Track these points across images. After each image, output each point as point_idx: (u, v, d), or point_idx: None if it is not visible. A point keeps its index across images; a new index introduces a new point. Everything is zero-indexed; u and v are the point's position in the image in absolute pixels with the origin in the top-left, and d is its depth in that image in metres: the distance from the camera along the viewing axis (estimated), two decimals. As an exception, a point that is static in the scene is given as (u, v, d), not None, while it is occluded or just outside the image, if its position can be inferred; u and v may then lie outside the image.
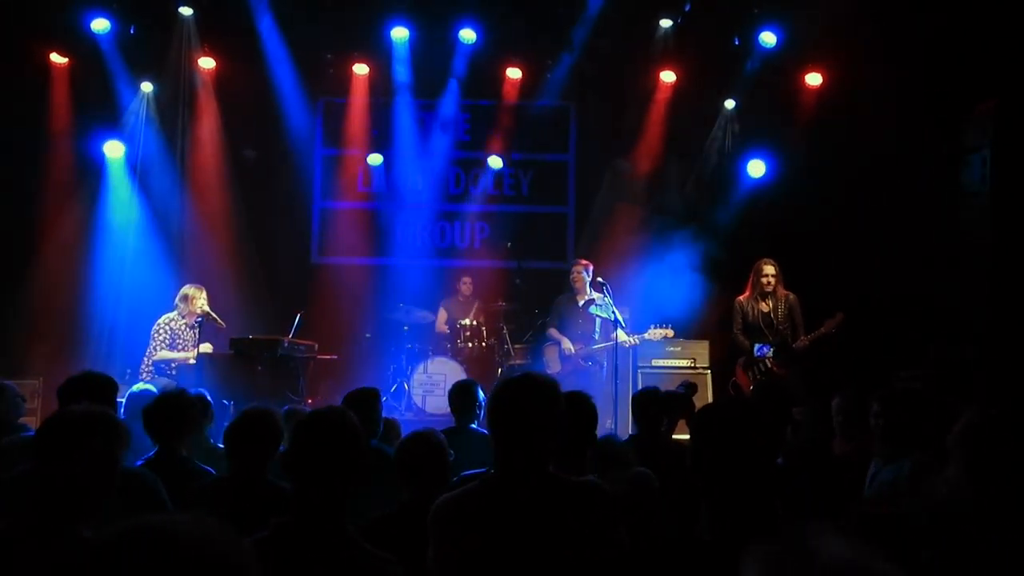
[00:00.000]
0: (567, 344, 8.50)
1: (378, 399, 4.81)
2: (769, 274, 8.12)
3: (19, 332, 9.36)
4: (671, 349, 8.91)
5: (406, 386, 9.13)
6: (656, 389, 5.33)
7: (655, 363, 8.91)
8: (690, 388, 6.22)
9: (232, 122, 10.21)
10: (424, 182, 10.77)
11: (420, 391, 9.05)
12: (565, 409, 2.57)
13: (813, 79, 9.83)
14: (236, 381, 7.38)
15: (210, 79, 10.08)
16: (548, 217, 10.93)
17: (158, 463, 3.96)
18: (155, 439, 4.12)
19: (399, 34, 9.98)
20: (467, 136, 10.87)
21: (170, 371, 7.83)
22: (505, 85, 10.37)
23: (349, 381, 8.16)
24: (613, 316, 8.11)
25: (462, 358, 9.20)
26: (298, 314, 8.42)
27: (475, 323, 9.40)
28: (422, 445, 3.46)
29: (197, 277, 8.53)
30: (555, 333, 8.66)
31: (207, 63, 10.00)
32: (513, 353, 9.18)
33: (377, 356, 9.67)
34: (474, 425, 5.23)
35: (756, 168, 10.00)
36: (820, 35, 9.30)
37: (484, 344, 9.33)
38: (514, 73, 10.29)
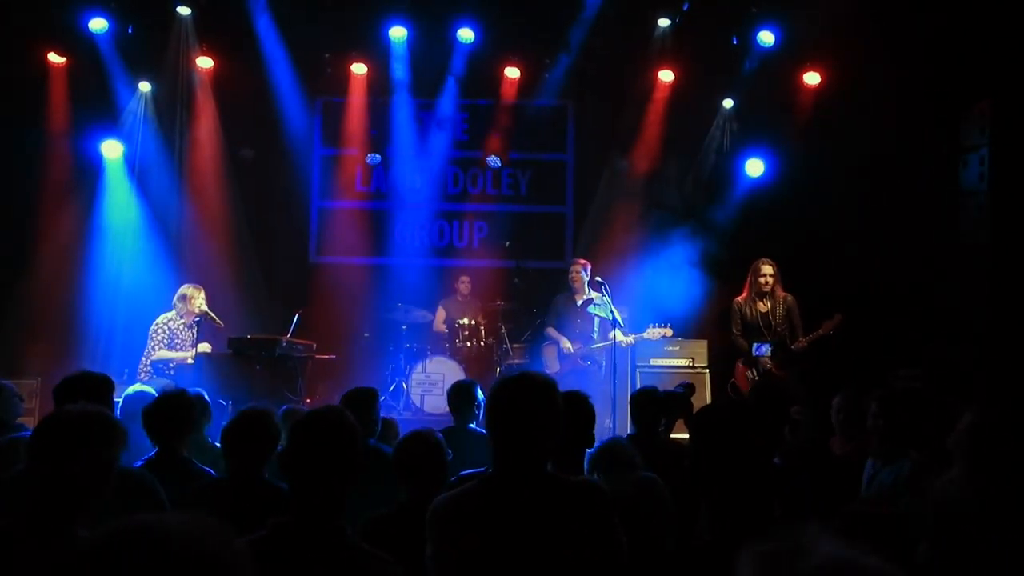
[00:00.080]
0: (566, 343, 8.49)
1: (376, 399, 4.81)
2: (767, 274, 8.11)
3: (17, 332, 9.36)
4: (669, 348, 8.91)
5: (404, 386, 9.12)
6: (654, 389, 5.32)
7: (653, 362, 8.92)
8: (688, 388, 6.20)
9: (230, 122, 10.21)
10: (422, 182, 10.76)
11: (418, 390, 9.03)
12: (563, 409, 2.57)
13: (811, 78, 9.83)
14: (234, 381, 7.37)
15: (208, 79, 10.07)
16: (546, 216, 10.92)
17: (159, 463, 3.94)
18: (155, 439, 4.09)
19: (397, 33, 9.98)
20: (465, 136, 10.86)
21: (168, 371, 7.82)
22: (503, 84, 10.37)
23: (347, 381, 8.14)
24: (611, 316, 8.11)
25: (460, 357, 9.19)
26: (296, 314, 8.42)
27: (473, 322, 9.39)
28: (420, 445, 3.46)
29: (195, 277, 8.52)
30: (553, 332, 8.65)
31: (205, 63, 9.99)
32: (512, 353, 9.17)
33: (375, 356, 9.66)
34: (473, 425, 5.23)
35: (754, 167, 10.01)
36: (818, 34, 9.31)
37: (482, 343, 9.32)
38: (512, 72, 10.28)
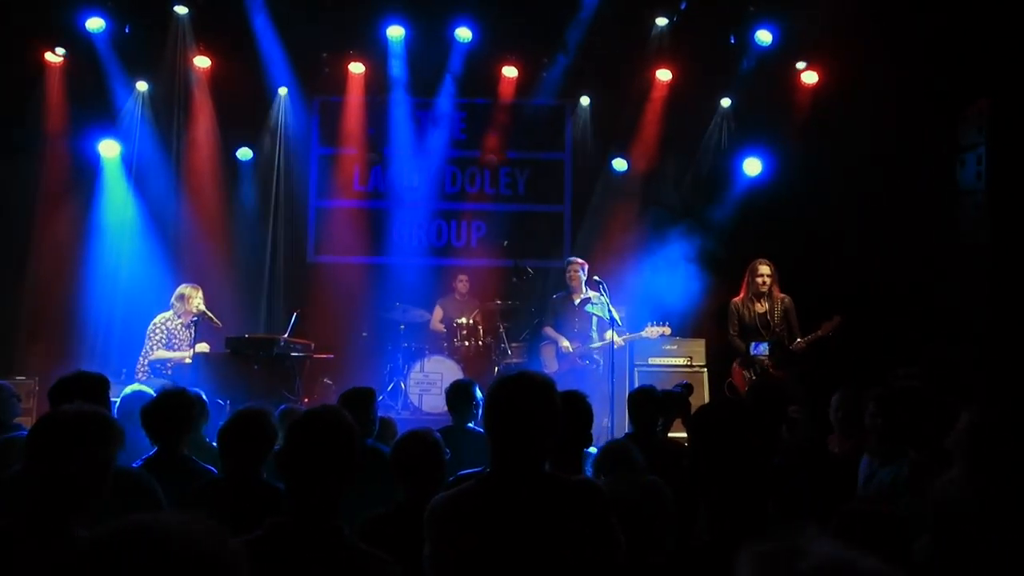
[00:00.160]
0: (564, 342, 8.47)
1: (374, 398, 4.80)
2: (764, 274, 8.11)
3: (15, 331, 9.36)
4: (667, 347, 8.92)
5: (402, 385, 9.10)
6: (652, 388, 5.32)
7: (652, 361, 8.92)
8: (687, 388, 6.20)
9: (227, 121, 10.19)
10: (420, 181, 10.75)
11: (417, 390, 9.02)
12: (561, 408, 2.56)
13: (809, 77, 9.84)
14: (232, 380, 7.36)
15: (205, 78, 10.06)
16: (544, 216, 10.91)
17: (159, 462, 3.93)
18: (155, 438, 4.07)
19: (395, 33, 9.97)
20: (463, 135, 10.85)
21: (166, 371, 7.81)
22: (501, 84, 10.36)
23: (345, 380, 8.16)
24: (609, 315, 8.10)
25: (459, 357, 9.18)
26: (294, 313, 8.41)
27: (471, 322, 9.38)
28: (418, 444, 3.45)
29: (193, 276, 8.51)
30: (551, 332, 8.63)
31: (202, 62, 9.97)
32: (510, 352, 9.16)
33: (373, 355, 9.64)
34: (471, 424, 5.22)
35: (752, 166, 10.01)
36: (816, 33, 9.31)
37: (481, 343, 9.32)
38: (510, 72, 10.28)
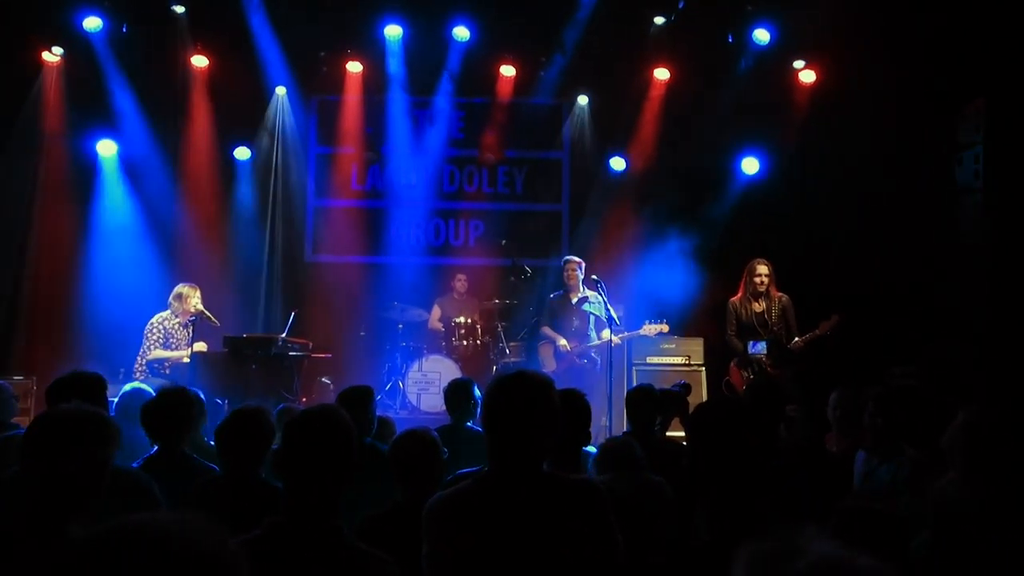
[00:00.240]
0: (562, 341, 8.46)
1: (372, 397, 4.79)
2: (762, 274, 8.11)
3: (12, 331, 9.34)
4: (666, 346, 8.92)
5: (401, 384, 9.10)
6: (650, 387, 5.32)
7: (650, 360, 8.93)
8: (685, 388, 6.21)
9: (225, 120, 10.18)
10: (418, 180, 10.74)
11: (415, 389, 9.01)
12: (560, 407, 2.56)
13: (807, 76, 9.83)
14: (230, 380, 7.37)
15: (203, 77, 10.05)
16: (542, 215, 10.90)
17: (160, 461, 3.92)
18: (156, 438, 4.06)
19: (393, 32, 9.96)
20: (461, 134, 10.84)
21: (164, 370, 7.81)
22: (499, 83, 10.36)
23: (344, 379, 8.15)
24: (606, 314, 8.09)
25: (457, 356, 9.17)
26: (292, 312, 8.40)
27: (470, 321, 9.37)
28: (416, 443, 3.44)
29: (191, 276, 8.50)
30: (548, 331, 8.61)
31: (200, 61, 9.97)
32: (508, 351, 9.16)
33: (372, 354, 9.64)
34: (469, 423, 5.21)
35: (750, 165, 10.01)
36: (814, 32, 9.31)
37: (479, 342, 9.31)
38: (508, 71, 10.27)
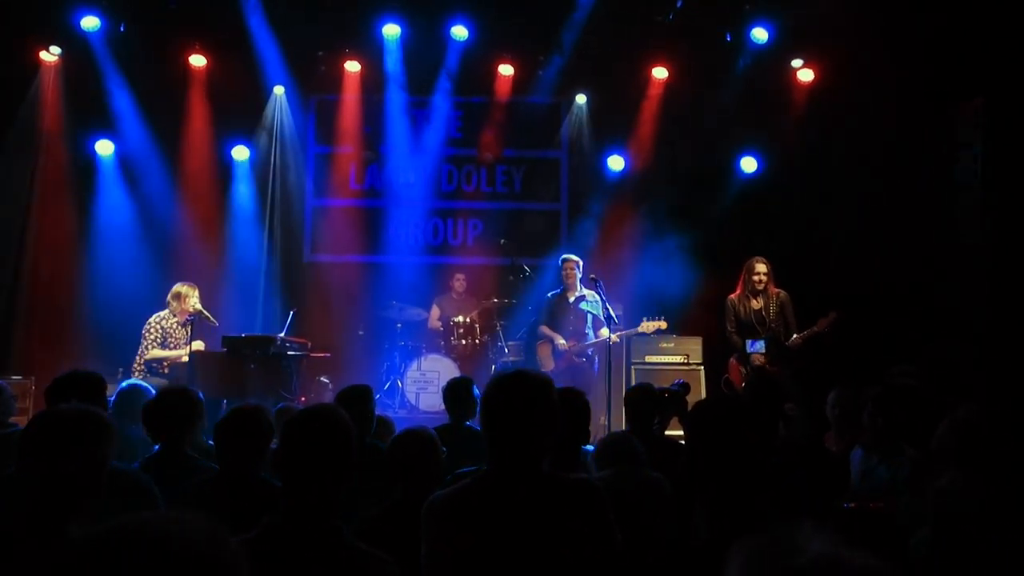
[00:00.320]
0: (560, 340, 8.45)
1: (371, 396, 4.78)
2: (761, 272, 8.12)
3: (11, 331, 9.33)
4: (664, 345, 8.92)
5: (399, 383, 9.10)
6: (649, 386, 5.32)
7: (648, 359, 8.93)
8: (684, 387, 6.20)
9: (223, 120, 10.17)
10: (417, 179, 10.73)
11: (413, 388, 9.02)
12: (559, 406, 2.55)
13: (805, 75, 9.84)
14: (228, 379, 7.36)
15: (201, 77, 10.04)
16: (541, 213, 10.90)
17: (162, 461, 3.90)
18: (158, 437, 4.03)
19: (391, 31, 9.95)
20: (459, 133, 10.84)
21: (162, 370, 7.80)
22: (497, 82, 10.36)
23: (342, 379, 8.15)
24: (604, 312, 8.07)
25: (455, 355, 9.17)
26: (291, 312, 8.40)
27: (468, 320, 9.37)
28: (415, 442, 3.43)
29: (189, 275, 8.49)
30: (546, 331, 8.59)
31: (198, 61, 9.96)
32: (507, 350, 9.16)
33: (371, 354, 9.64)
34: (468, 422, 5.21)
35: (748, 164, 10.02)
36: (812, 31, 9.31)
37: (477, 341, 9.31)
38: (506, 70, 10.27)
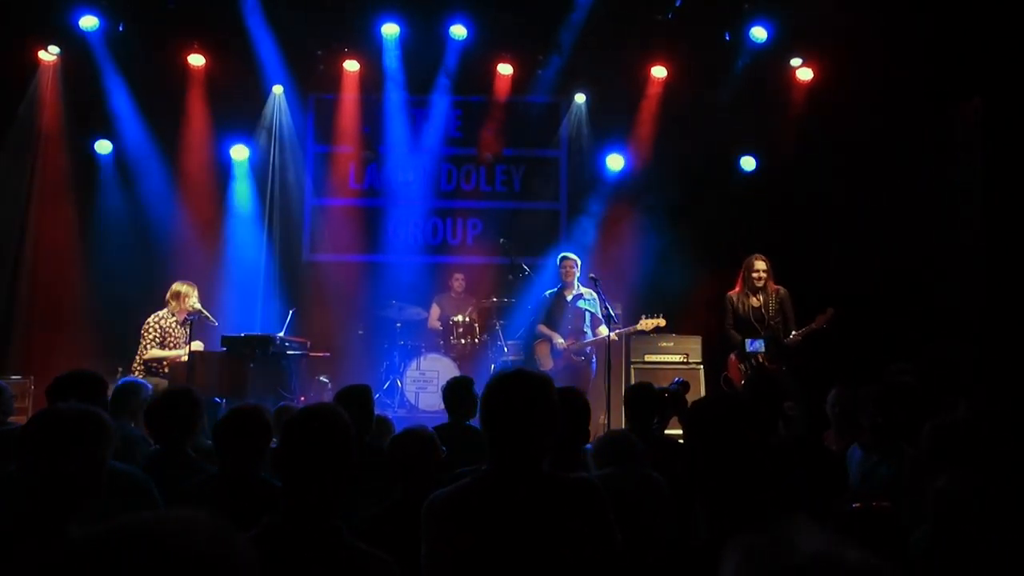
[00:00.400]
0: (558, 339, 8.44)
1: (371, 396, 4.78)
2: (760, 270, 8.12)
3: (10, 331, 9.33)
4: (663, 344, 8.92)
5: (399, 383, 9.10)
6: (649, 385, 5.31)
7: (648, 358, 8.93)
8: (683, 386, 6.20)
9: (222, 119, 10.17)
10: (416, 178, 10.74)
11: (413, 388, 9.01)
12: (559, 405, 2.55)
13: (804, 74, 9.84)
14: (228, 379, 7.35)
15: (200, 76, 10.03)
16: (540, 213, 10.90)
17: (163, 461, 3.90)
18: (160, 437, 4.03)
19: (390, 30, 9.96)
20: (458, 132, 10.84)
21: (162, 369, 7.79)
22: (496, 81, 10.36)
23: (342, 378, 8.15)
24: (603, 311, 8.06)
25: (455, 355, 9.17)
26: (290, 311, 8.40)
27: (468, 319, 9.37)
28: (414, 442, 3.43)
29: (188, 274, 8.49)
30: (544, 330, 8.56)
31: (197, 60, 9.95)
32: (507, 349, 9.16)
33: (370, 353, 9.64)
34: (468, 422, 5.20)
35: (747, 163, 10.03)
36: (811, 30, 9.31)
37: (477, 340, 9.31)
38: (505, 69, 10.28)
